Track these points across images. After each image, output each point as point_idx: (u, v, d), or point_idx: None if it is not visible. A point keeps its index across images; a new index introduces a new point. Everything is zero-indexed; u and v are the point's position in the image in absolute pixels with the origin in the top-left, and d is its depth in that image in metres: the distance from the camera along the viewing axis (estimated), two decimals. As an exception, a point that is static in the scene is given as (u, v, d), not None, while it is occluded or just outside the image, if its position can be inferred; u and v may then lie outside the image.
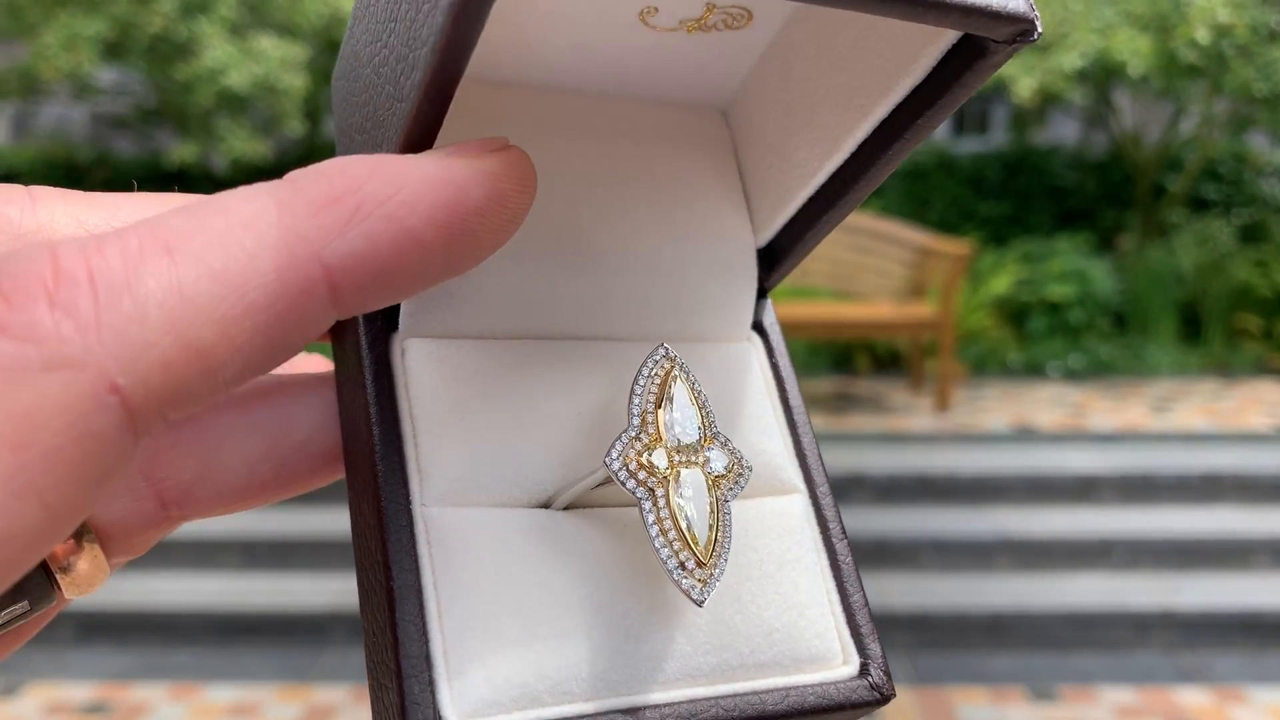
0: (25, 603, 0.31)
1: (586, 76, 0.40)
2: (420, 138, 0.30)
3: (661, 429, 0.30)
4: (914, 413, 5.75)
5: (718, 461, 0.31)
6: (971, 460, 4.90)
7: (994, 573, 4.25)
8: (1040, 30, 0.31)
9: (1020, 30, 0.30)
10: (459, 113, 0.37)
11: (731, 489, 0.31)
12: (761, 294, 0.38)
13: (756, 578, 0.33)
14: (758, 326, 0.37)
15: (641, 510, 0.29)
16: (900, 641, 3.83)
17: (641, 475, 0.29)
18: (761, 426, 0.36)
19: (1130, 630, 3.93)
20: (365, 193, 0.26)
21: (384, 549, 0.29)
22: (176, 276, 0.23)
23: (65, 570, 0.32)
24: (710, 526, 0.30)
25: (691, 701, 0.30)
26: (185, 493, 0.33)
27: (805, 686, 0.31)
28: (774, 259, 0.37)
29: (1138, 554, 4.30)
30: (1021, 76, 6.65)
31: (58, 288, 0.21)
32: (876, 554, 4.23)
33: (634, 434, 0.30)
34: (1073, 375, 6.65)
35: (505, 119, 0.39)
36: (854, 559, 0.34)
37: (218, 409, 0.34)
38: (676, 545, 0.29)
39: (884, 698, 0.32)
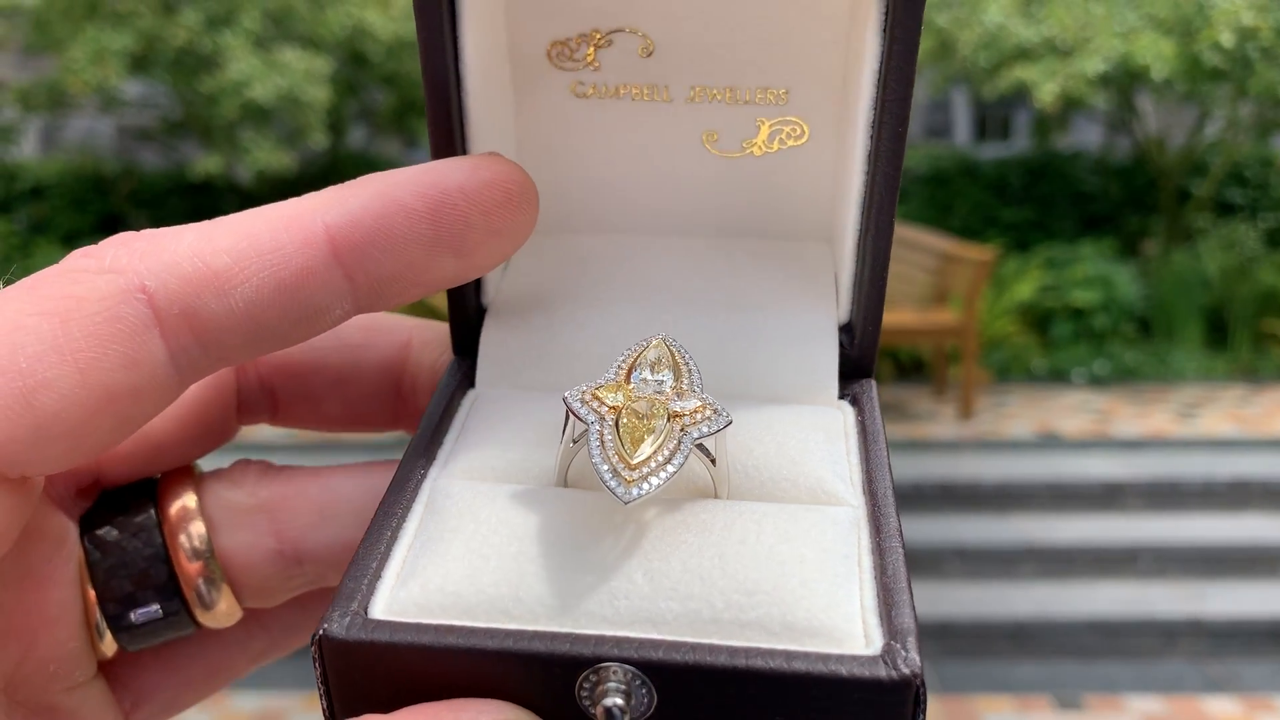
0: (158, 607, 0.35)
1: (683, 216, 0.43)
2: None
3: (629, 381, 0.33)
4: (937, 420, 5.73)
5: (683, 404, 0.32)
6: (995, 467, 4.88)
7: (1018, 581, 4.23)
8: None
9: None
10: (569, 259, 0.43)
11: (699, 427, 0.31)
12: (863, 373, 0.39)
13: (752, 545, 0.30)
14: (854, 400, 0.38)
15: (589, 431, 0.31)
16: (924, 650, 3.81)
17: (594, 404, 0.32)
18: (821, 458, 0.35)
19: (1157, 638, 3.89)
20: (366, 178, 0.32)
21: (379, 504, 0.32)
22: (207, 231, 0.31)
23: (202, 601, 0.36)
24: (655, 447, 0.30)
25: (640, 640, 0.27)
26: (302, 535, 0.37)
27: (797, 653, 0.27)
28: (851, 329, 0.39)
29: (1164, 562, 4.27)
30: (1044, 82, 6.62)
31: (124, 239, 0.31)
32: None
33: (601, 381, 0.33)
34: (1097, 381, 6.61)
35: (607, 257, 0.43)
36: (908, 568, 0.30)
37: (335, 470, 0.39)
38: (613, 456, 0.30)
39: (903, 681, 0.26)
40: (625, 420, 0.31)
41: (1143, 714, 3.42)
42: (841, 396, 0.38)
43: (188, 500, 0.37)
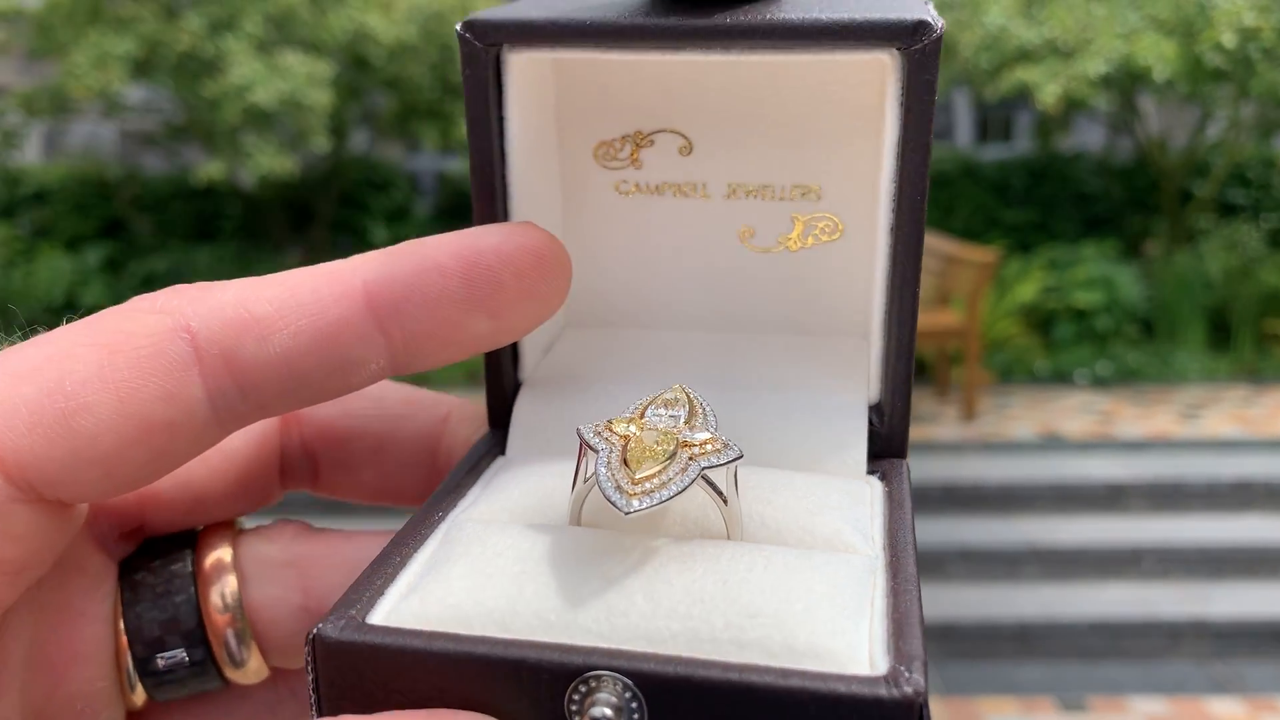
0: (183, 653, 0.36)
1: (721, 312, 0.45)
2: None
3: (644, 416, 0.33)
4: (940, 421, 5.73)
5: (695, 435, 0.32)
6: (998, 469, 4.88)
7: (1022, 582, 4.23)
8: (940, 26, 0.34)
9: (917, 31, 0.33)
10: (607, 348, 0.44)
11: (708, 457, 0.31)
12: (895, 452, 0.39)
13: (758, 573, 0.30)
14: (883, 476, 0.38)
15: (598, 455, 0.31)
16: (928, 652, 3.81)
17: (606, 434, 0.32)
18: (840, 513, 0.35)
19: (1161, 640, 3.89)
20: (406, 243, 0.34)
21: (395, 535, 0.33)
22: (254, 283, 0.33)
23: (231, 656, 0.37)
24: (660, 468, 0.31)
25: (631, 653, 0.27)
26: (328, 593, 0.38)
27: (795, 670, 0.26)
28: (881, 409, 0.39)
29: (1168, 563, 4.26)
30: (1045, 83, 6.62)
31: (178, 288, 0.33)
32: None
33: (616, 417, 0.33)
34: (1100, 382, 6.60)
35: (645, 346, 0.44)
36: (921, 609, 0.29)
37: (368, 534, 0.40)
38: (618, 474, 0.31)
39: (904, 701, 0.25)
40: (634, 446, 0.31)
41: (1147, 715, 3.42)
42: (871, 472, 0.38)
43: (223, 553, 0.38)
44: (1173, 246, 7.72)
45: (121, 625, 0.36)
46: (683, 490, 0.30)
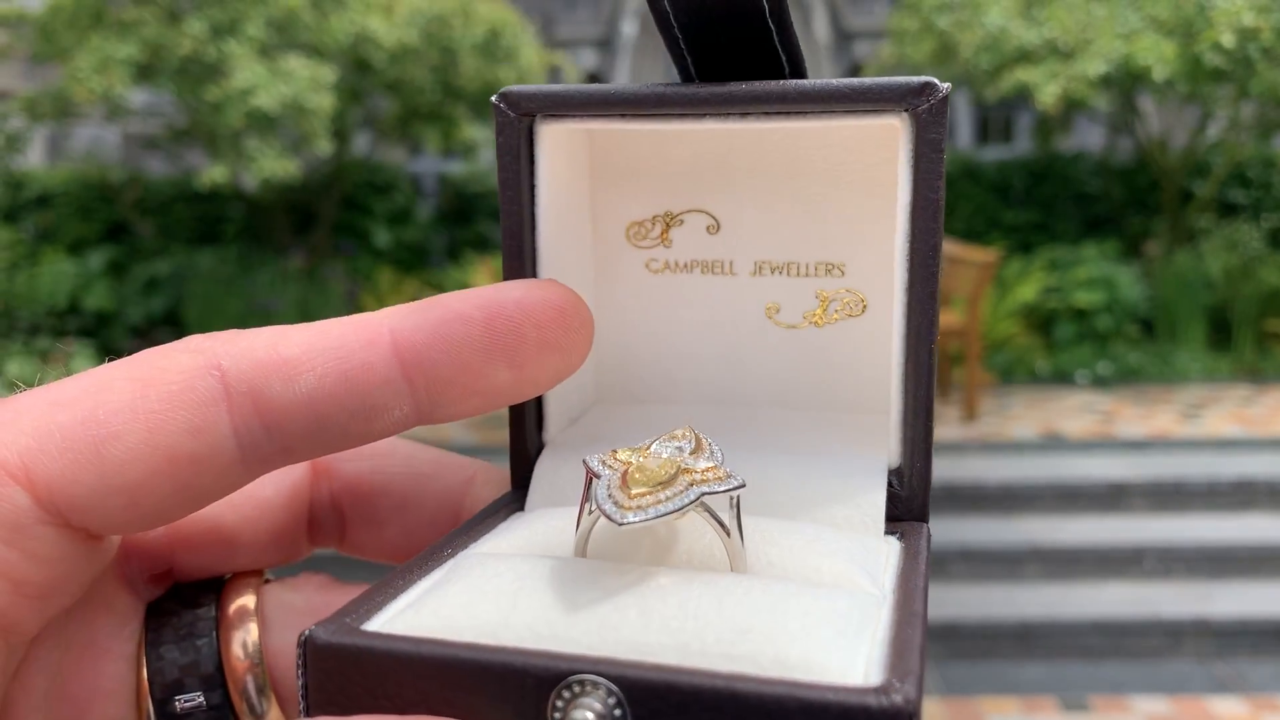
0: (200, 697, 0.36)
1: (747, 388, 0.46)
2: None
3: (650, 448, 0.34)
4: (941, 421, 5.74)
5: (697, 463, 0.33)
6: (999, 469, 4.88)
7: (1023, 582, 4.23)
8: (944, 89, 0.35)
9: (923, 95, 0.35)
10: (633, 419, 0.45)
11: (709, 484, 0.32)
12: (916, 516, 0.40)
13: (756, 594, 0.30)
14: (903, 535, 0.39)
15: (600, 478, 0.32)
16: (929, 652, 3.82)
17: (609, 461, 0.33)
18: (851, 558, 0.35)
19: (1162, 639, 3.90)
20: (432, 297, 0.35)
21: (411, 563, 0.34)
22: (285, 328, 0.34)
23: (250, 707, 0.37)
24: (659, 486, 0.31)
25: (616, 660, 0.27)
26: None
27: (781, 680, 0.26)
28: (900, 472, 0.40)
29: (1169, 562, 4.27)
30: (1045, 84, 6.62)
31: (214, 334, 0.34)
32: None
33: (623, 448, 0.34)
34: (1101, 382, 6.61)
35: (670, 419, 0.44)
36: (925, 642, 0.29)
37: None
38: (617, 493, 0.31)
39: (893, 710, 0.25)
40: (635, 470, 0.32)
41: (1148, 715, 3.43)
42: (890, 533, 0.38)
43: (247, 600, 0.39)
44: (1173, 246, 7.72)
45: (144, 666, 0.37)
46: (680, 510, 0.31)
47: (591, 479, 0.33)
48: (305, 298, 7.31)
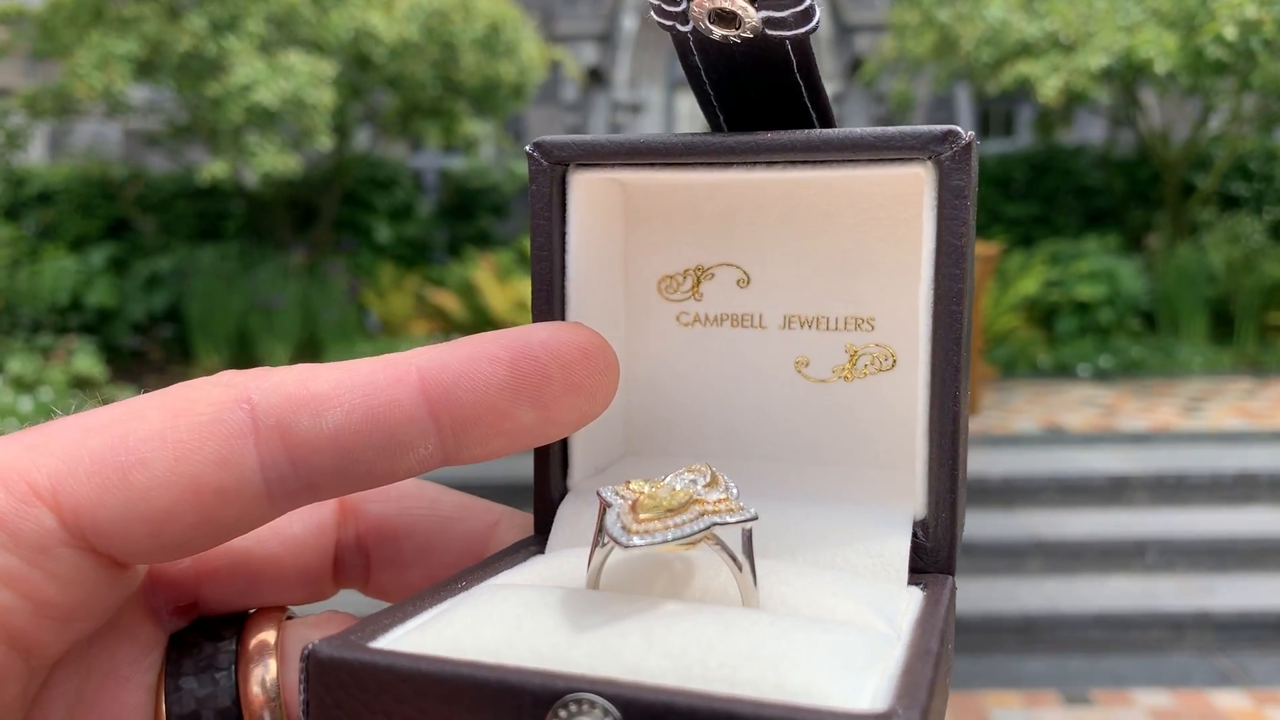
0: None
1: (776, 443, 0.47)
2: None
3: (665, 480, 0.34)
4: (943, 416, 5.73)
5: (709, 494, 0.33)
6: (1001, 462, 4.89)
7: (1025, 575, 4.24)
8: (968, 136, 0.36)
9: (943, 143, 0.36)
10: (662, 471, 0.45)
11: (720, 515, 0.32)
12: (942, 569, 0.39)
13: (763, 625, 0.30)
14: (926, 585, 0.38)
15: (611, 506, 0.32)
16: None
17: (621, 491, 0.33)
18: (867, 600, 0.34)
19: (1165, 633, 3.90)
20: (459, 339, 0.36)
21: (424, 592, 0.35)
22: (316, 366, 0.35)
23: None
24: (669, 512, 0.31)
25: (612, 680, 0.27)
26: None
27: (780, 704, 0.25)
28: (926, 525, 0.39)
29: (1171, 555, 4.27)
30: (1046, 77, 6.61)
31: (246, 371, 0.35)
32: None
33: (638, 480, 0.34)
34: (1103, 376, 6.61)
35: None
36: (937, 680, 0.28)
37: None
38: (624, 515, 0.32)
39: None
40: (646, 499, 0.32)
41: (1151, 708, 3.43)
42: (913, 584, 0.38)
43: (268, 635, 0.39)
44: (1175, 239, 7.72)
45: (163, 696, 0.37)
46: (688, 537, 0.31)
47: (604, 508, 0.33)
48: (306, 294, 7.31)
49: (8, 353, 6.33)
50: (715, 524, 0.31)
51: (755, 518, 0.32)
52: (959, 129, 0.35)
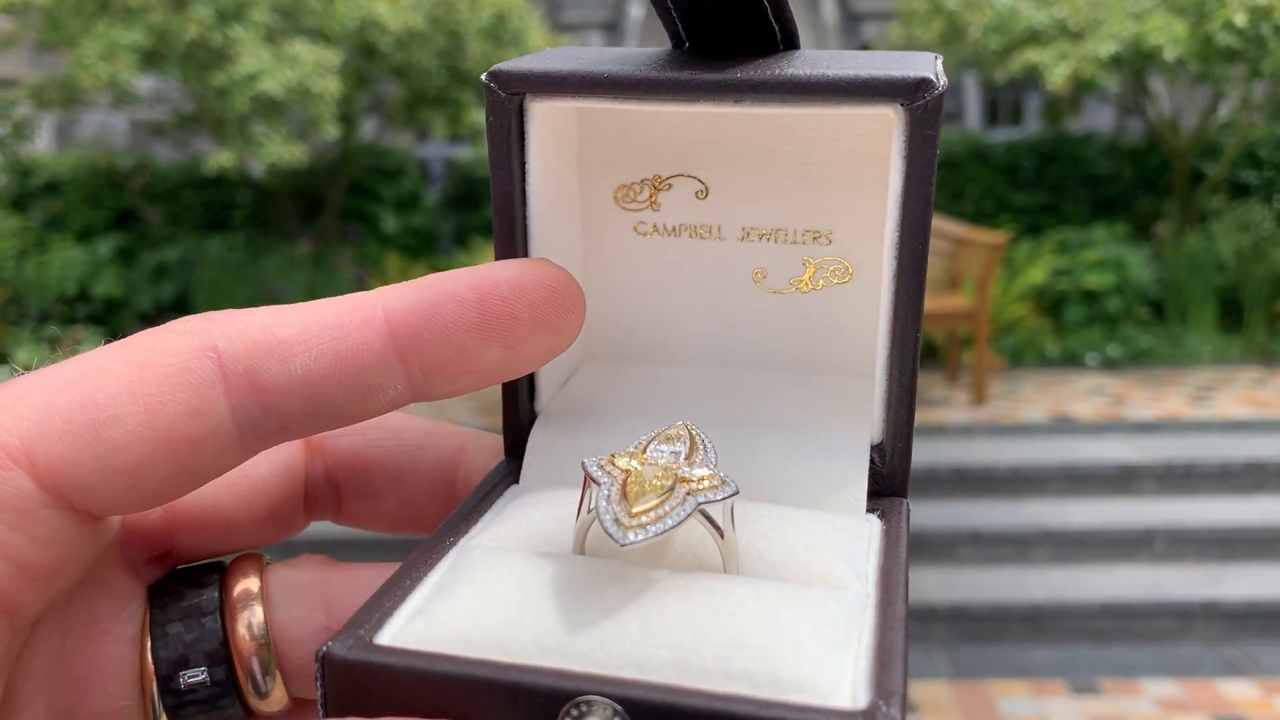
0: (205, 672, 0.37)
1: (733, 350, 0.47)
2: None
3: (646, 451, 0.35)
4: (950, 405, 5.73)
5: (693, 471, 0.34)
6: (1009, 452, 4.88)
7: (1033, 565, 4.24)
8: (943, 85, 0.35)
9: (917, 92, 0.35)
10: (620, 381, 0.46)
11: (706, 493, 0.33)
12: (896, 492, 0.41)
13: (750, 605, 0.31)
14: (883, 514, 0.39)
15: (599, 485, 0.33)
16: (938, 635, 3.83)
17: (608, 467, 0.34)
18: (836, 551, 0.36)
19: (1173, 622, 3.90)
20: (427, 277, 0.35)
21: (404, 561, 0.35)
22: (282, 309, 0.34)
23: (255, 686, 0.38)
24: (658, 501, 0.32)
25: (620, 680, 0.28)
26: (350, 613, 0.39)
27: (775, 701, 0.28)
28: (883, 449, 0.41)
29: (1179, 544, 4.27)
30: (1055, 64, 6.58)
31: (210, 314, 0.34)
32: (913, 547, 4.23)
33: (620, 451, 0.35)
34: (1111, 365, 6.59)
35: (658, 382, 0.46)
36: (907, 645, 0.31)
37: (390, 564, 0.41)
38: (616, 507, 0.32)
39: None
40: (633, 481, 0.33)
41: (1159, 698, 3.43)
42: (871, 510, 0.40)
43: (250, 583, 0.39)
44: (1184, 227, 7.69)
45: (147, 646, 0.37)
46: (678, 524, 0.32)
47: (589, 482, 0.34)
48: (313, 284, 7.32)
49: (15, 343, 6.35)
50: (702, 504, 0.32)
51: (737, 493, 0.33)
52: (932, 77, 0.35)
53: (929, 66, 0.36)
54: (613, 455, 0.34)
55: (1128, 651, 3.76)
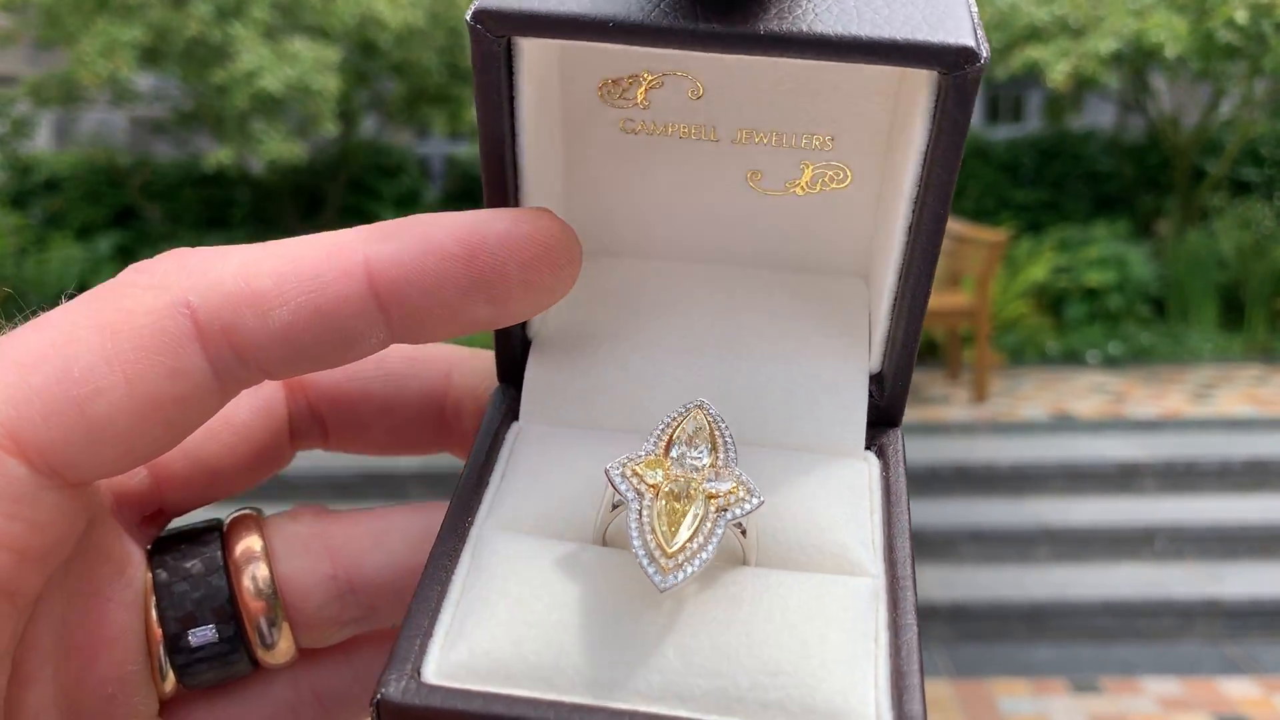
0: (213, 629, 0.37)
1: (724, 247, 0.46)
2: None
3: (670, 456, 0.35)
4: (951, 403, 5.72)
5: (719, 484, 0.33)
6: (1010, 450, 4.87)
7: (1034, 563, 4.23)
8: (986, 56, 0.32)
9: (962, 58, 0.32)
10: (612, 287, 0.45)
11: (733, 509, 0.33)
12: (891, 422, 0.41)
13: (777, 622, 0.33)
14: (880, 451, 0.39)
15: (628, 508, 0.33)
16: (939, 634, 3.82)
17: (634, 480, 0.33)
18: (845, 524, 0.37)
19: (1174, 620, 3.90)
20: (412, 218, 0.34)
21: (430, 554, 0.34)
22: (256, 253, 0.32)
23: (263, 639, 0.38)
24: (691, 531, 0.32)
25: (669, 717, 0.30)
26: (355, 560, 0.39)
27: None
28: (882, 380, 0.41)
29: (1180, 543, 4.26)
30: (1056, 61, 6.57)
31: (179, 254, 0.33)
32: (914, 546, 4.22)
33: (643, 454, 0.34)
34: (1112, 362, 6.59)
35: (650, 288, 0.45)
36: (920, 647, 0.33)
37: (388, 509, 0.41)
38: (650, 541, 0.32)
39: None
40: (664, 502, 0.33)
41: (1160, 696, 3.43)
42: (869, 446, 0.39)
43: (251, 541, 0.39)
44: (1185, 225, 7.68)
45: (152, 609, 0.37)
46: (713, 556, 0.32)
47: (614, 494, 0.34)
48: (313, 281, 7.30)
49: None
50: (733, 520, 0.33)
51: (762, 502, 0.33)
52: (974, 46, 0.32)
53: (967, 26, 0.32)
54: (635, 465, 0.34)
55: (1129, 650, 3.76)
